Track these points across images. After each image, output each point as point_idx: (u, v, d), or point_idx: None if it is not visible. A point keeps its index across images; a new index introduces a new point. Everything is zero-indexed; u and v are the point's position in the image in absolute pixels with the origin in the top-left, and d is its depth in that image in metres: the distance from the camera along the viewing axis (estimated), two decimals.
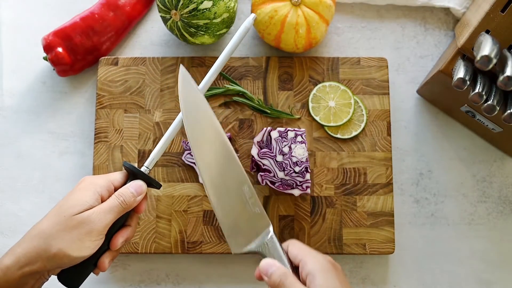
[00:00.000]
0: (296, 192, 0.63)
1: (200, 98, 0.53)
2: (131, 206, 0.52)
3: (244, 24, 0.58)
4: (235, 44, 0.57)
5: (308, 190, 0.63)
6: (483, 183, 0.69)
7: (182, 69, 0.53)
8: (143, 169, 0.54)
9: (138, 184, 0.53)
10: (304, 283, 0.44)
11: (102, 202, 0.50)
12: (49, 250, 0.47)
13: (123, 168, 0.55)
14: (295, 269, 0.46)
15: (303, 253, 0.46)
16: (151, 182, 0.54)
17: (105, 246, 0.51)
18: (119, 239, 0.52)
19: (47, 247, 0.47)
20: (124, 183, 0.54)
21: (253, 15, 0.60)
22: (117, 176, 0.54)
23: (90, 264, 0.51)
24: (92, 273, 0.52)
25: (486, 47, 0.51)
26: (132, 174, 0.54)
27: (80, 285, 0.51)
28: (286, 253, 0.47)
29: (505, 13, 0.56)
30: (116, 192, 0.51)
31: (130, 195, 0.51)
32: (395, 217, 0.67)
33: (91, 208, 0.49)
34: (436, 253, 0.68)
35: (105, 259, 0.51)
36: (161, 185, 0.56)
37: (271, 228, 0.49)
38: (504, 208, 0.68)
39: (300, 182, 0.64)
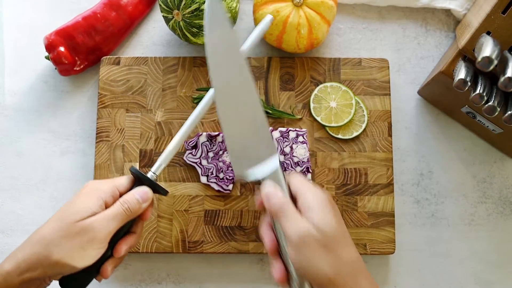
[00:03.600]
0: None
1: (228, 28, 0.50)
2: (136, 213, 0.50)
3: (260, 26, 0.58)
4: (250, 46, 0.57)
5: None
6: (483, 184, 0.69)
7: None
8: (149, 175, 0.53)
9: (144, 191, 0.51)
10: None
11: (106, 208, 0.49)
12: (50, 257, 0.45)
13: (130, 173, 0.54)
14: (294, 200, 0.46)
15: (303, 186, 0.46)
16: (157, 189, 0.53)
17: (109, 253, 0.50)
18: (123, 246, 0.50)
19: (48, 254, 0.46)
20: (130, 189, 0.52)
21: (270, 16, 0.59)
22: (123, 181, 0.52)
23: (92, 271, 0.49)
24: (94, 279, 0.51)
25: (487, 49, 0.51)
26: (138, 179, 0.52)
27: None
28: (287, 184, 0.47)
29: (506, 14, 0.56)
30: (121, 199, 0.50)
31: (135, 202, 0.50)
32: (396, 218, 0.67)
33: (94, 215, 0.47)
34: (436, 253, 0.68)
35: (108, 266, 0.50)
36: (168, 192, 0.54)
37: (277, 157, 0.48)
38: (504, 209, 0.69)
39: None
